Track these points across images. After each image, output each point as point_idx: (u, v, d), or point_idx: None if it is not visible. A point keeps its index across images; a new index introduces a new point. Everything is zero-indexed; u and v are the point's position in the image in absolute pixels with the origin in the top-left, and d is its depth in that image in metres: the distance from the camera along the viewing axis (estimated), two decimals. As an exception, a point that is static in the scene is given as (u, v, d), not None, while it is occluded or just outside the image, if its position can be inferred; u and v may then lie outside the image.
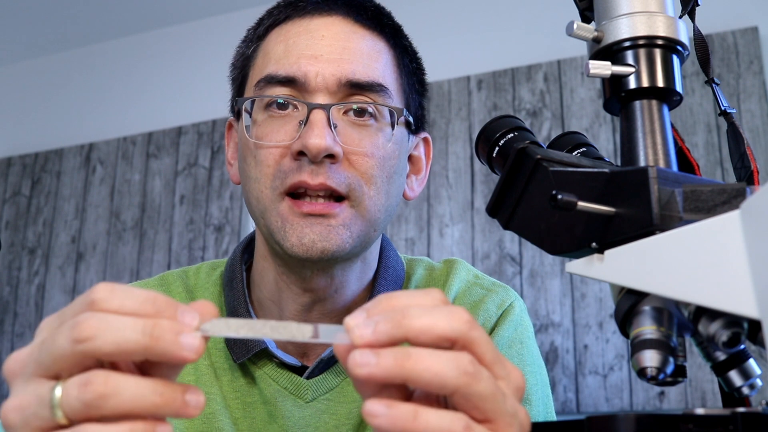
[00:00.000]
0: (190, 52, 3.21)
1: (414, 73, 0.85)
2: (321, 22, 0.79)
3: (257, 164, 0.77)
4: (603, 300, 2.33)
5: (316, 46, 0.77)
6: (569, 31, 0.54)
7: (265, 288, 0.83)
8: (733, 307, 0.40)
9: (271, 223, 0.76)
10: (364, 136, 0.76)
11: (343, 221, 0.75)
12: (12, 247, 3.18)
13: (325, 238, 0.74)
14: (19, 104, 3.51)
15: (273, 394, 0.80)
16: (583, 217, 0.49)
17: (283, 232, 0.75)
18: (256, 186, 0.77)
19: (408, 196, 0.85)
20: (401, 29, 0.85)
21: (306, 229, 0.74)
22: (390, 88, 0.79)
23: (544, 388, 0.84)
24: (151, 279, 0.90)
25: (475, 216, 2.55)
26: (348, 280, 0.81)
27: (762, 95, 2.34)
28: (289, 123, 0.76)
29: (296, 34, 0.79)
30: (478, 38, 2.78)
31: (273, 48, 0.79)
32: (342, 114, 0.76)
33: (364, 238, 0.77)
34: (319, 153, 0.72)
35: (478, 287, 0.87)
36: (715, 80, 0.60)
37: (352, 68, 0.76)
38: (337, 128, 0.75)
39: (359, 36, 0.79)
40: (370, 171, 0.76)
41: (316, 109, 0.74)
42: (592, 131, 2.48)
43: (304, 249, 0.74)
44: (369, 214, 0.76)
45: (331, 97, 0.76)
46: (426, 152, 0.88)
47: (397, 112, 0.78)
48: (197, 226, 2.92)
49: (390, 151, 0.78)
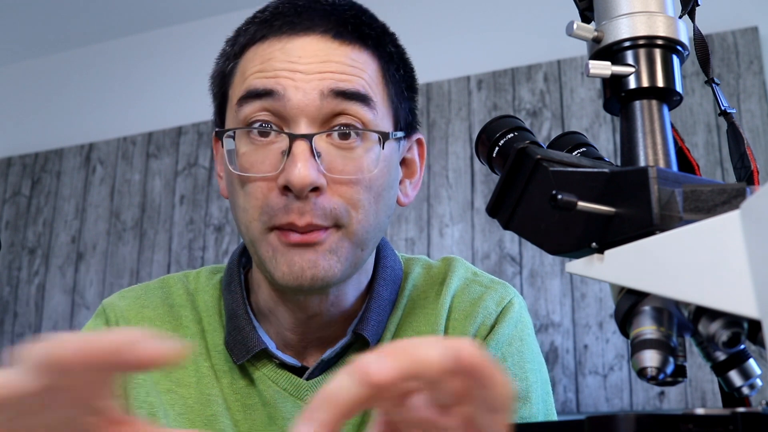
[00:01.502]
0: (190, 52, 3.21)
1: (402, 80, 0.82)
2: (297, 44, 0.76)
3: (245, 195, 0.76)
4: (603, 300, 2.33)
5: (294, 65, 0.75)
6: (569, 31, 0.54)
7: (261, 298, 0.83)
8: (733, 307, 0.40)
9: (261, 254, 0.76)
10: (348, 161, 0.74)
11: (330, 246, 0.74)
12: (12, 247, 3.18)
13: (314, 265, 0.73)
14: (19, 104, 3.51)
15: (273, 396, 0.80)
16: (583, 217, 0.49)
17: (274, 262, 0.74)
18: (244, 216, 0.76)
19: (402, 202, 0.84)
20: (385, 33, 0.81)
21: (296, 257, 0.73)
22: (375, 99, 0.76)
23: (544, 386, 0.84)
24: (151, 282, 0.90)
25: (475, 216, 2.55)
26: (344, 294, 0.81)
27: (762, 95, 2.34)
28: (272, 152, 0.74)
29: (272, 53, 0.76)
30: (478, 38, 2.78)
31: (250, 66, 0.77)
32: (325, 137, 0.74)
33: (354, 261, 0.77)
34: (303, 189, 0.71)
35: (476, 285, 0.86)
36: (715, 80, 0.60)
37: (334, 78, 0.74)
38: (320, 156, 0.73)
39: (340, 52, 0.76)
40: (355, 197, 0.75)
41: (298, 140, 0.72)
42: (592, 131, 2.48)
43: (294, 277, 0.73)
44: (356, 237, 0.76)
45: (313, 120, 0.74)
46: (420, 153, 0.87)
47: (383, 137, 0.76)
48: (197, 226, 2.92)
49: (377, 172, 0.76)
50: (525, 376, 0.82)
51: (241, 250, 0.88)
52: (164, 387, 0.81)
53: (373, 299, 0.82)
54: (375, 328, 0.80)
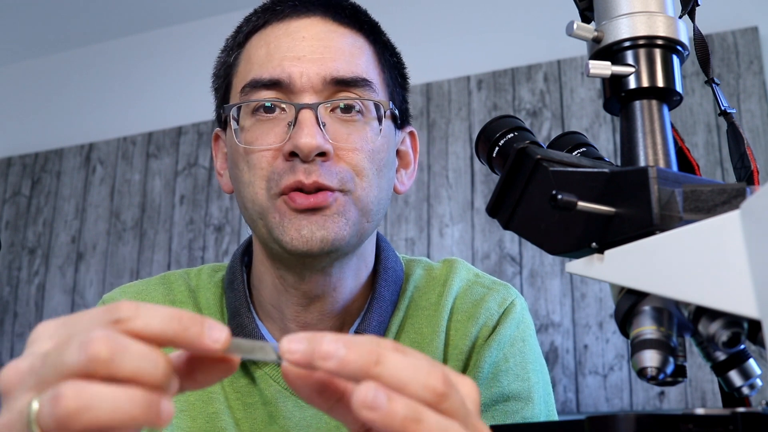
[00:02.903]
0: (190, 52, 3.21)
1: (396, 66, 0.86)
2: (300, 24, 0.79)
3: (250, 168, 0.77)
4: (603, 300, 2.33)
5: (298, 48, 0.78)
6: (569, 31, 0.54)
7: (264, 291, 0.83)
8: (733, 307, 0.40)
9: (269, 221, 0.76)
10: (352, 131, 0.77)
11: (337, 209, 0.75)
12: (12, 247, 3.18)
13: (323, 227, 0.74)
14: (19, 104, 3.50)
15: (273, 395, 0.80)
16: (583, 217, 0.49)
17: (281, 227, 0.75)
18: (250, 189, 0.77)
19: (399, 190, 0.86)
20: (379, 26, 0.85)
21: (303, 221, 0.75)
22: (374, 82, 0.80)
23: (545, 386, 0.84)
24: (152, 278, 0.90)
25: (475, 216, 2.55)
26: (345, 277, 0.81)
27: (762, 95, 2.34)
28: (277, 125, 0.77)
29: (276, 38, 0.79)
30: (478, 38, 2.78)
31: (255, 53, 0.80)
32: (329, 112, 0.77)
33: (359, 229, 0.78)
34: (310, 152, 0.73)
35: (478, 286, 0.87)
36: (715, 80, 0.60)
37: (336, 66, 0.77)
38: (325, 126, 0.76)
39: (339, 34, 0.80)
40: (360, 164, 0.77)
41: (304, 109, 0.75)
42: (592, 131, 2.48)
43: (304, 241, 0.74)
44: (361, 203, 0.77)
45: (317, 96, 0.77)
46: (413, 145, 0.89)
47: (383, 105, 0.79)
48: (197, 226, 2.92)
49: (379, 144, 0.79)
50: (527, 376, 0.82)
51: (243, 249, 0.88)
52: None
53: (375, 299, 0.82)
54: (377, 328, 0.81)
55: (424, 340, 0.83)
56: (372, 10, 0.85)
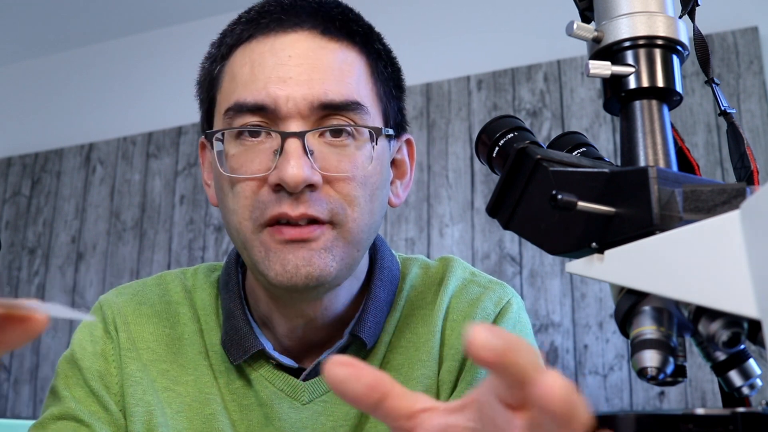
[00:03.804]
0: (190, 52, 3.20)
1: (390, 78, 0.81)
2: (287, 41, 0.74)
3: (234, 196, 0.74)
4: (603, 300, 2.33)
5: (284, 68, 0.73)
6: (569, 31, 0.54)
7: (258, 301, 0.83)
8: (733, 307, 0.40)
9: (254, 254, 0.74)
10: (342, 157, 0.73)
11: (324, 244, 0.72)
12: (12, 247, 3.18)
13: (308, 263, 0.72)
14: (19, 104, 3.51)
15: (269, 396, 0.80)
16: (583, 217, 0.49)
17: (267, 262, 0.73)
18: (234, 218, 0.75)
19: (393, 203, 0.83)
20: (372, 31, 0.80)
21: (289, 255, 0.72)
22: (366, 102, 0.75)
23: None
24: (149, 279, 0.90)
25: (475, 216, 2.55)
26: (337, 298, 0.80)
27: (762, 95, 2.34)
28: (263, 152, 0.73)
29: (261, 55, 0.74)
30: (477, 38, 2.78)
31: (239, 70, 0.75)
32: (318, 137, 0.73)
33: (349, 261, 0.75)
34: (297, 186, 0.70)
35: (474, 285, 0.86)
36: (715, 80, 0.59)
37: (324, 88, 0.72)
38: (313, 154, 0.72)
39: (329, 51, 0.75)
40: (352, 193, 0.73)
41: (290, 138, 0.71)
42: (592, 131, 2.48)
43: (288, 276, 0.72)
44: (352, 236, 0.74)
45: (304, 122, 0.72)
46: (409, 154, 0.86)
47: (375, 132, 0.75)
48: (197, 226, 2.92)
49: (371, 169, 0.75)
50: None
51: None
52: (161, 385, 0.80)
53: (369, 300, 0.81)
54: (372, 329, 0.80)
55: (419, 340, 0.82)
56: (372, 11, 0.83)
